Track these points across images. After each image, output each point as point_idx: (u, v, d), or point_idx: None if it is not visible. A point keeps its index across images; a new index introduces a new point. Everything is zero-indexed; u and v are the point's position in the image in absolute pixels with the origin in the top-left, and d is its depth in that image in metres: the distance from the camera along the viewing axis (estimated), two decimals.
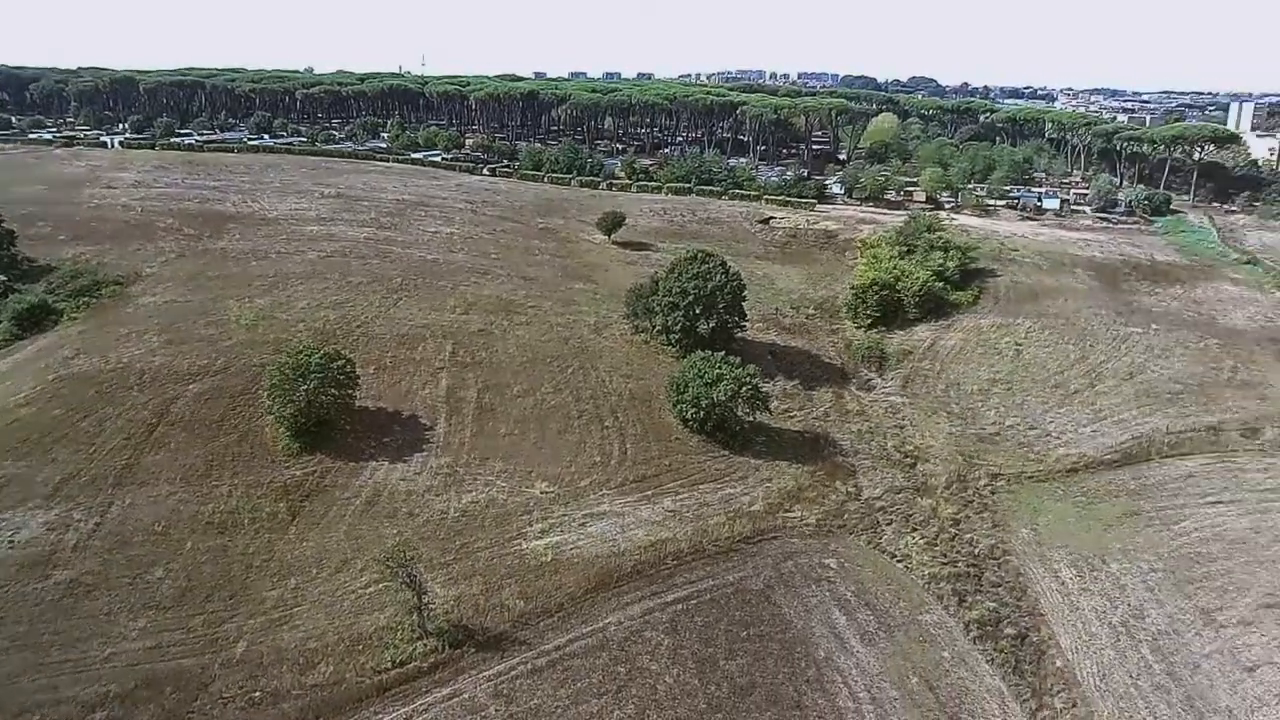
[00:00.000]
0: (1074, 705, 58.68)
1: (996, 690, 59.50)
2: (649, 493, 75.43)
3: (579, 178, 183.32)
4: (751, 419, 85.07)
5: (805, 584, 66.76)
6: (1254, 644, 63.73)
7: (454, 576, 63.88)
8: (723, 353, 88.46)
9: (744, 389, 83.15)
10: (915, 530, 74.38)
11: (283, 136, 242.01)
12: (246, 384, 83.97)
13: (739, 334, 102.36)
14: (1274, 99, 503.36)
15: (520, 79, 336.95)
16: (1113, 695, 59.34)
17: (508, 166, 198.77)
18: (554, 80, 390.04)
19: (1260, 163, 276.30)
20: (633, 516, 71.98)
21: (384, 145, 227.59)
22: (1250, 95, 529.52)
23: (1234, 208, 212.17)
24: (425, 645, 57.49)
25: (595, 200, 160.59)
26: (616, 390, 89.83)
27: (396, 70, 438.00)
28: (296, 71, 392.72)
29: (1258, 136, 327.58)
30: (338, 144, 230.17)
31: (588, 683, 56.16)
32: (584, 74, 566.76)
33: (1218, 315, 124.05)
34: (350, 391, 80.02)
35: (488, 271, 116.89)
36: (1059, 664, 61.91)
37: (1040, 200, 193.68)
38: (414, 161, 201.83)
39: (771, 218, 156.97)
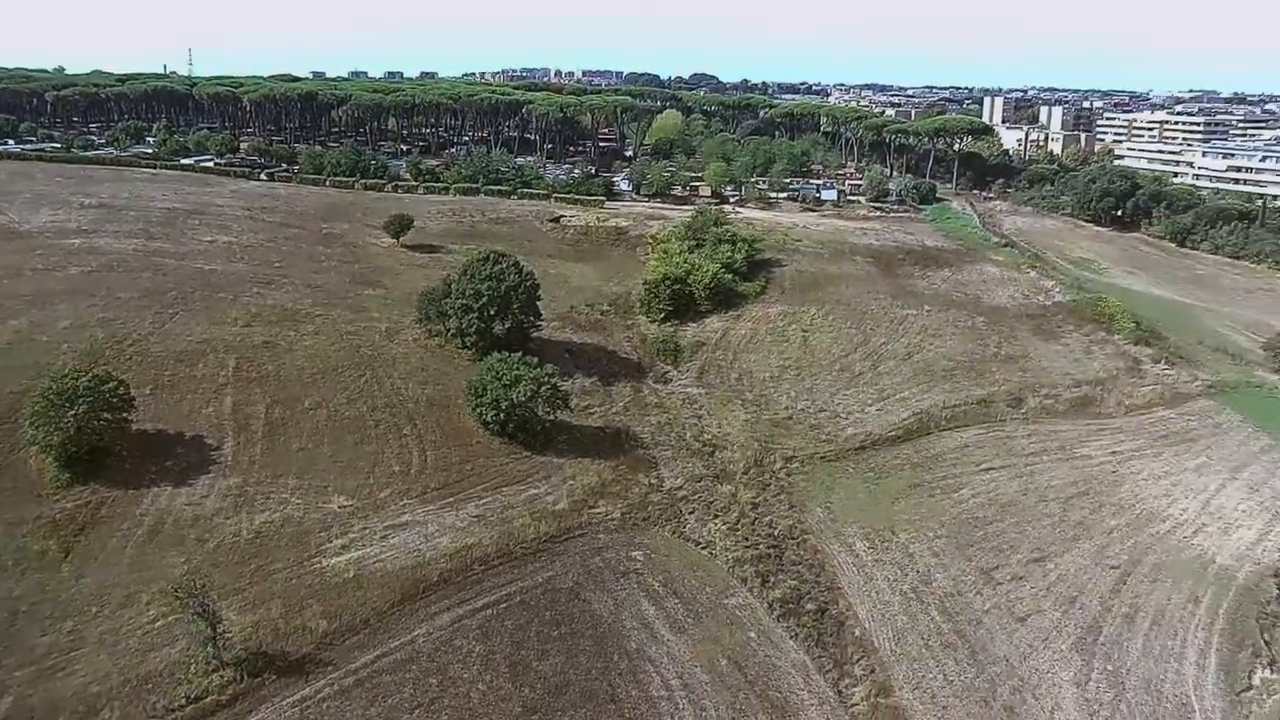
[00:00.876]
0: (873, 671, 61.72)
1: (801, 664, 61.89)
2: (452, 499, 74.22)
3: (363, 180, 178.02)
4: (552, 418, 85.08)
5: (614, 578, 67.39)
6: (1025, 596, 69.01)
7: (250, 602, 60.84)
8: (520, 353, 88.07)
9: (543, 389, 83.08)
10: (717, 517, 76.36)
11: (31, 142, 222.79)
12: (3, 413, 77.11)
13: (535, 334, 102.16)
14: (1019, 94, 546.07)
15: (297, 79, 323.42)
16: (907, 658, 62.79)
17: (287, 171, 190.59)
18: (333, 80, 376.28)
19: (1011, 152, 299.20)
20: (437, 524, 70.65)
21: (150, 150, 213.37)
22: (1000, 90, 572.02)
23: (991, 194, 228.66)
24: (222, 677, 54.49)
25: (381, 203, 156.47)
26: (413, 397, 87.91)
27: (162, 70, 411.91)
28: (45, 71, 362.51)
29: (1008, 128, 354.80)
30: (97, 150, 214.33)
31: (399, 698, 54.75)
32: (364, 74, 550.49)
33: (982, 295, 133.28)
34: (125, 415, 74.74)
35: (271, 281, 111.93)
36: (857, 633, 64.98)
37: (819, 192, 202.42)
38: (184, 168, 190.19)
39: (562, 216, 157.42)
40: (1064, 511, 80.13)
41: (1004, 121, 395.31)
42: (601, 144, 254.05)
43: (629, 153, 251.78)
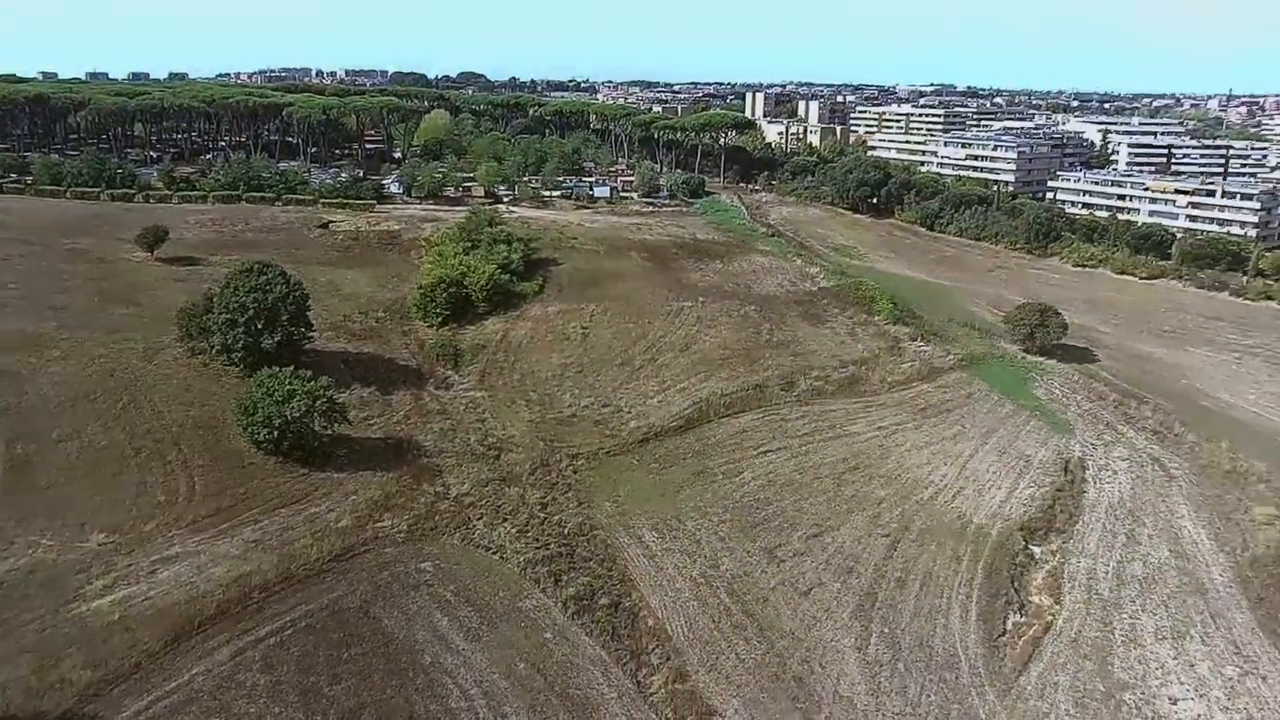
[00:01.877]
0: (668, 659, 62.96)
1: (599, 659, 62.37)
2: (226, 525, 70.24)
3: (109, 191, 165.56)
4: (330, 432, 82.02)
5: (404, 592, 65.75)
6: (807, 570, 72.23)
7: None
8: (292, 367, 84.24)
9: (319, 402, 79.99)
10: (506, 520, 75.79)
11: None
12: None
13: (307, 345, 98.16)
14: (779, 89, 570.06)
15: (24, 80, 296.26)
16: (700, 642, 64.41)
17: (18, 182, 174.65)
18: (68, 82, 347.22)
19: (774, 146, 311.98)
20: (210, 554, 66.66)
21: None
22: (761, 85, 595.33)
23: (757, 187, 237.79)
24: None
25: (132, 214, 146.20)
26: (177, 420, 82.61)
27: None
28: None
29: (769, 122, 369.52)
30: None
31: None
32: (105, 75, 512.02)
33: (753, 284, 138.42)
34: None
35: (5, 304, 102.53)
36: (651, 623, 66.09)
37: (592, 189, 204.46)
38: None
39: (330, 222, 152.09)
40: (838, 487, 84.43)
41: (765, 116, 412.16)
42: (369, 146, 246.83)
43: (398, 154, 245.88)
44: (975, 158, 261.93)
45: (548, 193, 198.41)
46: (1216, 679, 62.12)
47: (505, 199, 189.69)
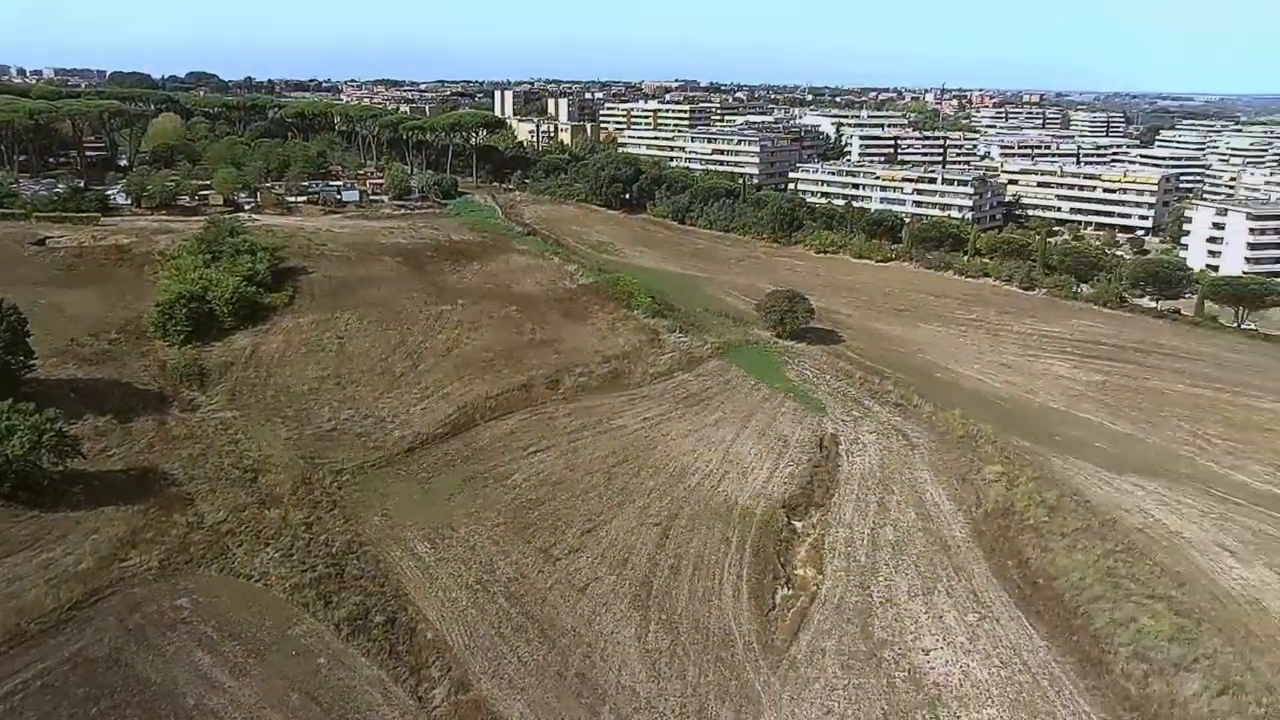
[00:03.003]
0: (449, 670, 61.55)
1: (377, 679, 60.17)
2: None
3: None
4: (62, 469, 75.13)
5: (159, 634, 61.08)
6: (583, 566, 72.57)
7: None
8: (10, 400, 76.55)
9: (46, 437, 73.08)
10: (268, 545, 71.88)
11: None
12: None
13: (29, 375, 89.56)
14: (527, 86, 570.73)
15: None
16: (480, 649, 63.35)
17: None
18: None
19: (525, 144, 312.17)
20: None
21: None
22: (509, 83, 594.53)
23: (511, 186, 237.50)
24: None
25: None
26: None
27: None
28: None
29: (520, 120, 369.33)
30: None
31: None
32: None
33: (513, 284, 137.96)
34: None
35: None
36: (430, 636, 64.43)
37: (340, 193, 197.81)
38: None
39: (48, 238, 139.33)
40: (608, 481, 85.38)
41: (516, 114, 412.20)
42: (90, 153, 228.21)
43: (123, 162, 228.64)
44: (721, 152, 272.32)
45: (293, 199, 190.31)
46: (961, 626, 67.08)
47: (247, 207, 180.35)
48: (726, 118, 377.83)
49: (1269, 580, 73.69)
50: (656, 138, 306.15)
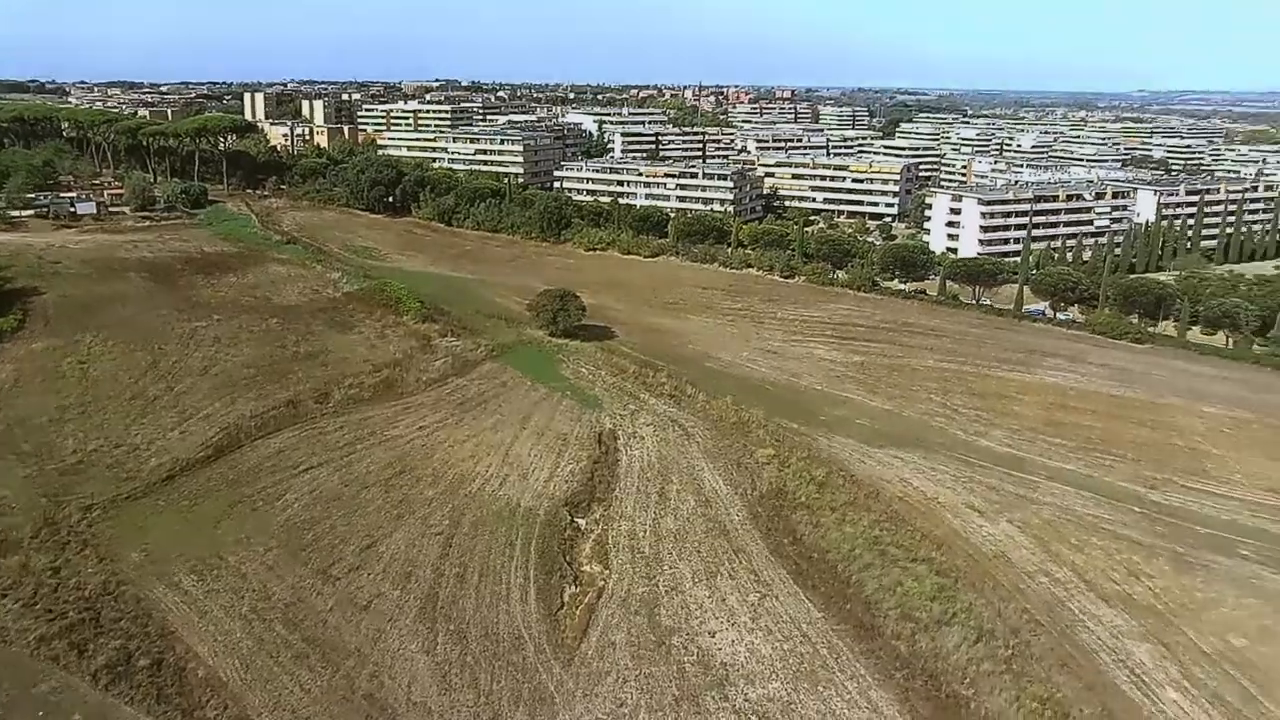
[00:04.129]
0: (226, 707, 58.15)
1: None
2: None
3: None
4: None
5: None
6: (364, 584, 70.30)
7: None
8: None
9: None
10: (5, 596, 65.43)
11: None
12: None
13: None
14: (280, 88, 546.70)
15: None
16: (259, 681, 60.16)
17: None
18: None
19: (280, 148, 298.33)
20: None
21: None
22: (260, 85, 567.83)
23: (266, 193, 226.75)
24: None
25: None
26: None
27: None
28: None
29: (273, 124, 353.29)
30: None
31: None
32: None
33: (273, 295, 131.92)
34: None
35: None
36: (202, 674, 60.63)
37: (74, 205, 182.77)
38: None
39: None
40: (386, 493, 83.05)
41: (268, 118, 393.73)
42: None
43: None
44: (485, 152, 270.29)
45: (17, 212, 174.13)
46: (743, 607, 69.48)
47: None
48: (489, 117, 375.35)
49: (1011, 534, 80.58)
50: (418, 139, 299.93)
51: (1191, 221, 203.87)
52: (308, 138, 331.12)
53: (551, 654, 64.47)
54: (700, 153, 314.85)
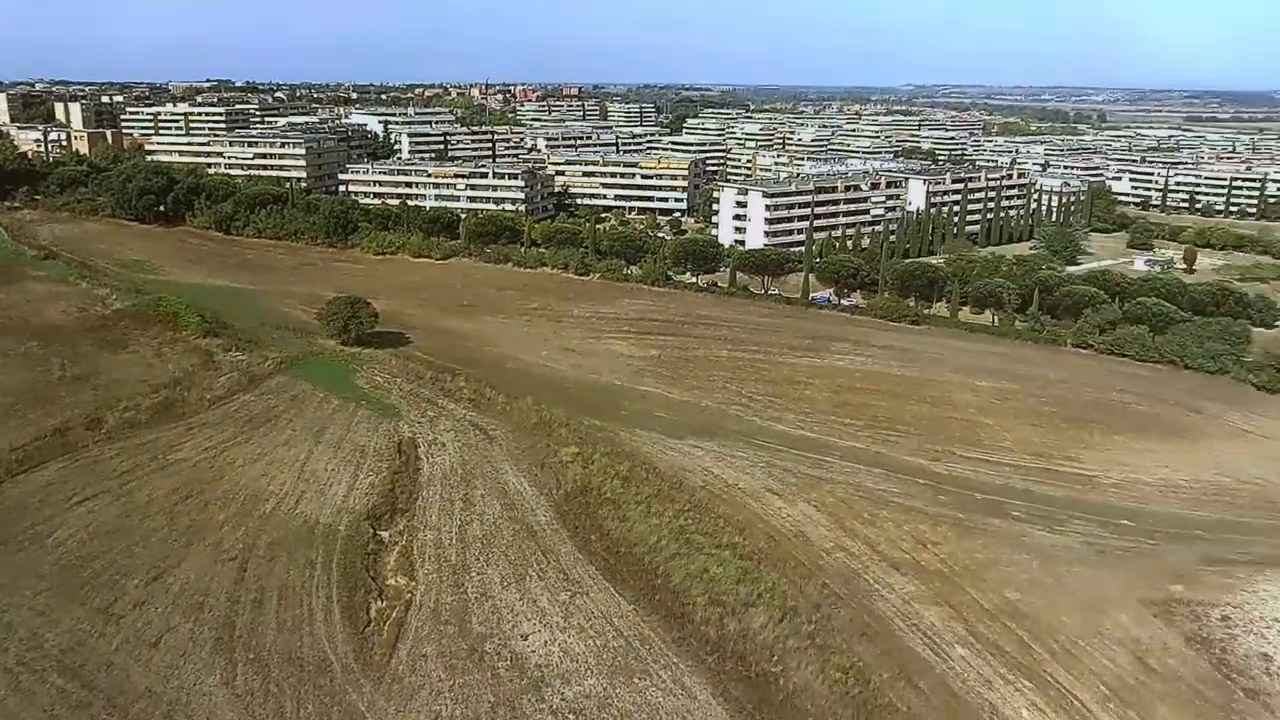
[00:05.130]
0: None
1: None
2: None
3: None
4: None
5: None
6: (153, 619, 65.86)
7: None
8: None
9: None
10: None
11: None
12: None
13: None
14: (27, 88, 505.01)
15: None
16: None
17: None
18: None
19: (31, 155, 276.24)
20: None
21: None
22: (2, 84, 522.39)
23: (17, 204, 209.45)
24: None
25: None
26: None
27: None
28: None
29: (20, 129, 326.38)
30: None
31: None
32: None
33: (31, 316, 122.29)
34: None
35: None
36: None
37: None
38: None
39: None
40: (172, 521, 78.21)
41: (14, 121, 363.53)
42: None
43: None
44: (265, 156, 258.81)
45: None
46: (554, 606, 69.48)
47: None
48: (268, 119, 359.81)
49: (808, 514, 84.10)
50: (191, 143, 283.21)
51: (957, 208, 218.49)
52: (65, 143, 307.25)
53: (361, 673, 62.51)
54: (490, 152, 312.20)
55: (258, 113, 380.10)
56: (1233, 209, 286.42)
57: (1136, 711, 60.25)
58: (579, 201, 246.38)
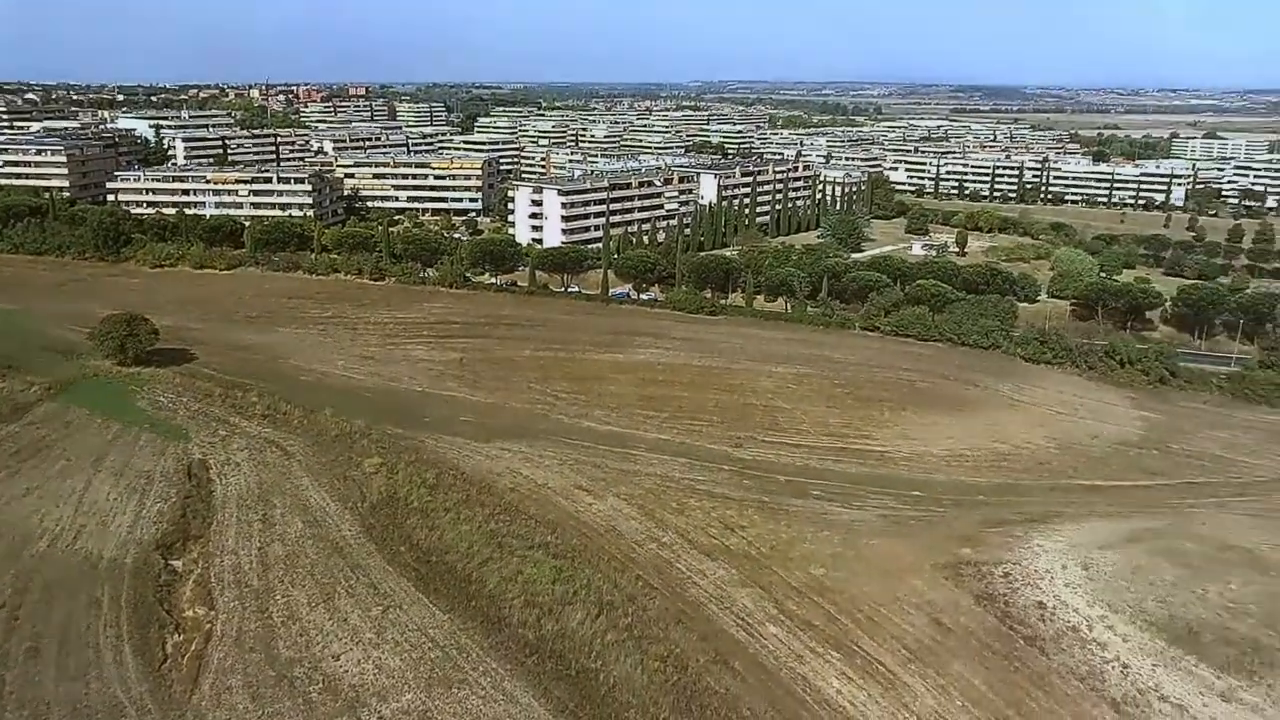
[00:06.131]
0: None
1: None
2: None
3: None
4: None
5: None
6: None
7: None
8: None
9: None
10: None
11: None
12: None
13: None
14: None
15: None
16: None
17: None
18: None
19: None
20: None
21: None
22: None
23: None
24: None
25: None
26: None
27: None
28: None
29: None
30: None
31: None
32: None
33: None
34: None
35: None
36: None
37: None
38: None
39: None
40: None
41: None
42: None
43: None
44: (18, 164, 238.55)
45: None
46: (366, 623, 67.42)
47: None
48: (17, 124, 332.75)
49: (619, 508, 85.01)
50: None
51: (748, 200, 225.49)
52: None
53: (159, 714, 58.77)
54: (274, 156, 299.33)
55: (6, 116, 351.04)
56: (996, 194, 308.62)
57: (934, 669, 63.99)
58: (371, 205, 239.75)
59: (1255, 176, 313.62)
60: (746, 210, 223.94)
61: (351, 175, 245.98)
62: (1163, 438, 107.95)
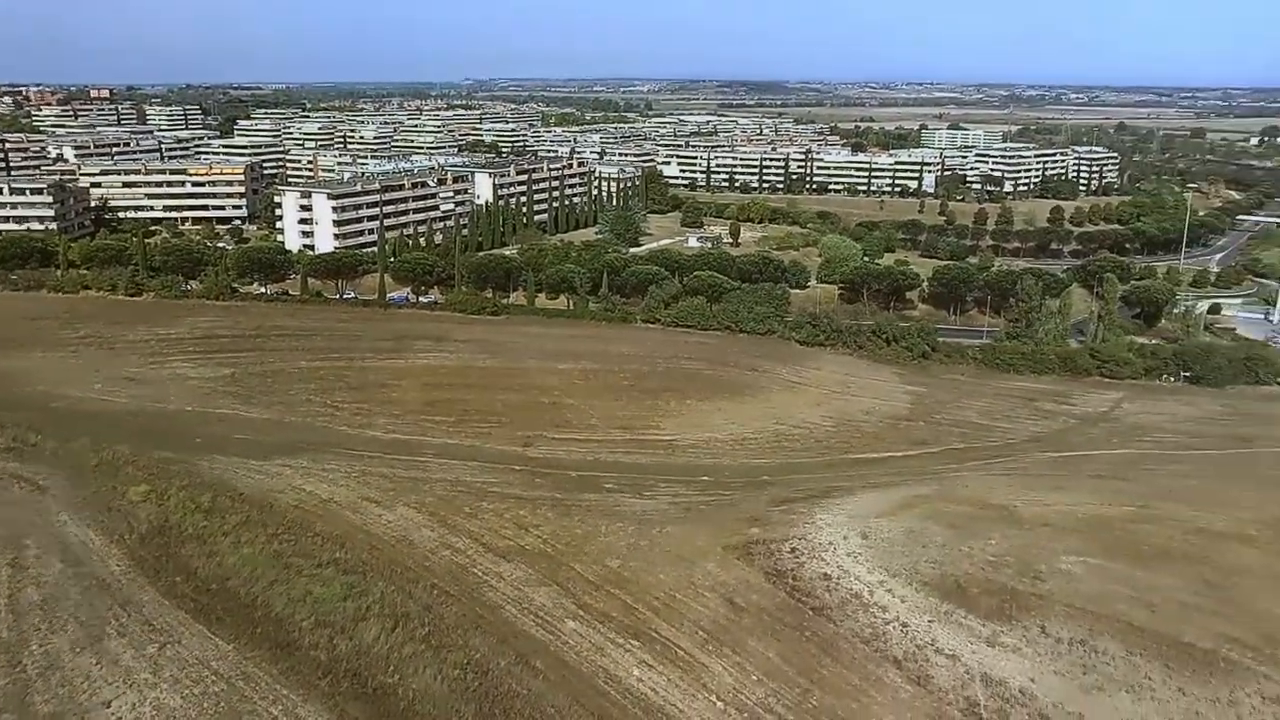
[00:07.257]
0: None
1: None
2: None
3: None
4: None
5: None
6: None
7: None
8: None
9: None
10: None
11: None
12: None
13: None
14: None
15: None
16: None
17: None
18: None
19: None
20: None
21: None
22: None
23: None
24: None
25: None
26: None
27: None
28: None
29: None
30: None
31: None
32: None
33: None
34: None
35: None
36: None
37: None
38: None
39: None
40: None
41: None
42: None
43: None
44: None
45: None
46: (141, 662, 62.78)
47: None
48: None
49: (409, 517, 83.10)
50: None
51: (524, 199, 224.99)
52: None
53: None
54: (3, 164, 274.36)
55: None
56: (765, 185, 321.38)
57: (730, 648, 65.88)
58: (122, 215, 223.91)
59: (994, 163, 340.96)
60: (524, 209, 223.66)
61: (98, 184, 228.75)
62: (928, 409, 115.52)
